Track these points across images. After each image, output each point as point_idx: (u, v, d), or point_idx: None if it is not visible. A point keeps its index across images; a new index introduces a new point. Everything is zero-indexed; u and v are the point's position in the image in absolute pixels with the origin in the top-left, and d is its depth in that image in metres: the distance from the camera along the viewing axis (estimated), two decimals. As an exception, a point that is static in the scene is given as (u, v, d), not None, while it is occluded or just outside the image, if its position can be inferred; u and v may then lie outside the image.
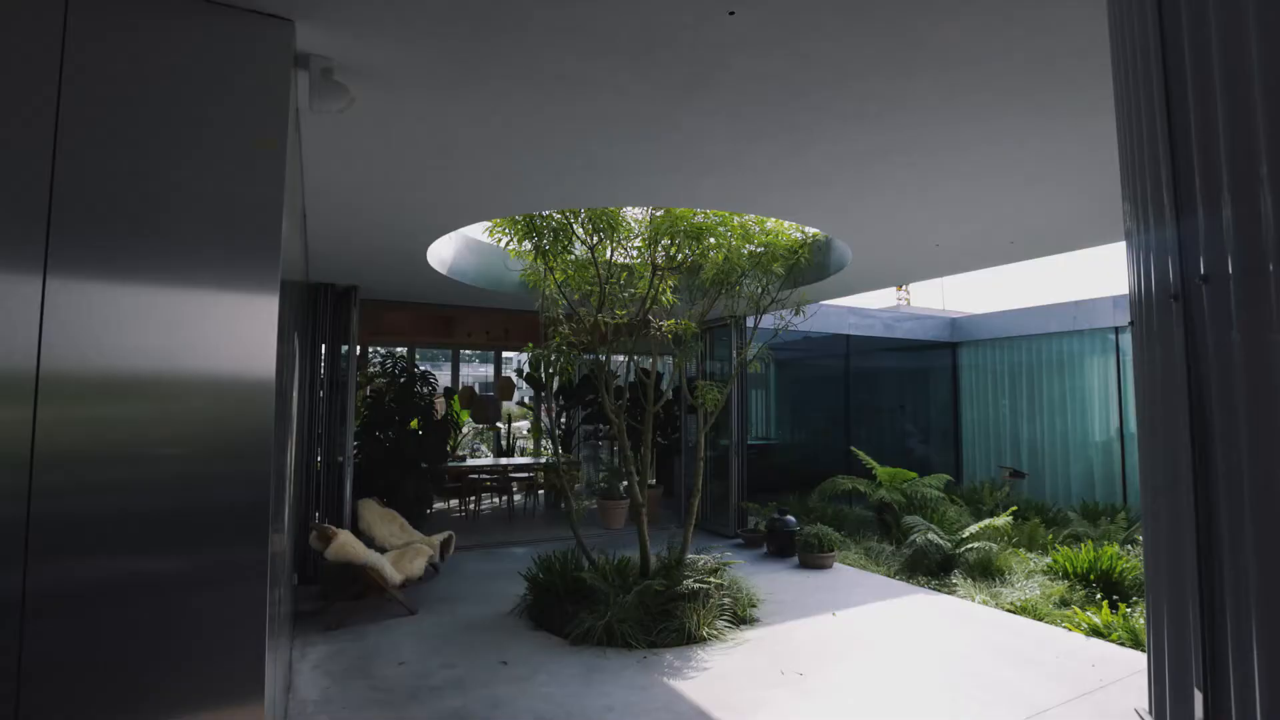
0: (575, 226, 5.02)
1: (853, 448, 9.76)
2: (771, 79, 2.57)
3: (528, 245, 4.97)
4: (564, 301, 5.41)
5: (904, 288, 23.22)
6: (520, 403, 14.67)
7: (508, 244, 4.95)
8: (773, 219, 6.00)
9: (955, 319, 12.17)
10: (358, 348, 7.14)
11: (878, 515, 8.90)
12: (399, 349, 12.36)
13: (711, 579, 5.26)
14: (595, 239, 4.95)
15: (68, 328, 1.74)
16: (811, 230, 6.21)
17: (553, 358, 5.27)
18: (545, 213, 4.87)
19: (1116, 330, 9.67)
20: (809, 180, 3.66)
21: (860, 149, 3.24)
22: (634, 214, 5.34)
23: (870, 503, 8.95)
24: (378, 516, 6.68)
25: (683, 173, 3.57)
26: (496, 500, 11.41)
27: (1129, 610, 5.18)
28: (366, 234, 4.78)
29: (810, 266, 6.27)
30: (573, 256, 5.19)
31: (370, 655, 4.61)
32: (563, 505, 5.63)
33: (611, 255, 5.31)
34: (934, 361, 12.32)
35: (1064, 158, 3.36)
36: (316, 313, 6.54)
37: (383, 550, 6.31)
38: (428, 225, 4.54)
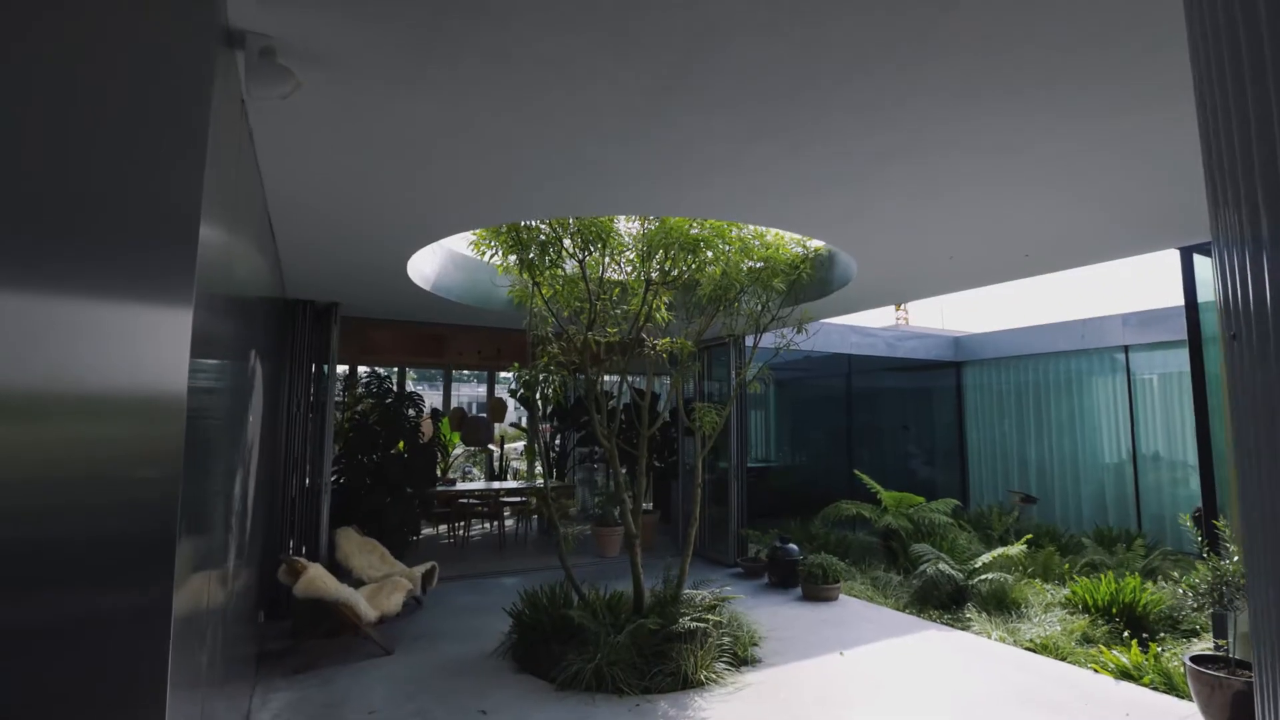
0: (564, 239, 4.73)
1: (856, 471, 9.41)
2: (772, 68, 2.29)
3: (514, 260, 4.66)
4: (553, 320, 5.10)
5: (902, 308, 22.95)
6: (514, 424, 14.31)
7: (491, 257, 4.64)
8: (773, 232, 5.73)
9: (959, 338, 11.88)
10: (339, 367, 6.81)
11: (883, 542, 8.53)
12: (388, 369, 12.03)
13: (710, 616, 4.90)
14: (585, 252, 4.65)
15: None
16: (814, 244, 5.94)
17: (540, 378, 4.95)
18: (532, 225, 4.59)
19: (1126, 349, 9.38)
20: (811, 185, 3.38)
21: (867, 149, 2.96)
22: (627, 228, 5.05)
23: (875, 529, 8.58)
24: (356, 546, 6.31)
25: (676, 177, 3.28)
26: (487, 526, 11.01)
27: (1160, 649, 4.81)
28: (340, 246, 4.48)
29: (812, 282, 5.99)
30: (561, 271, 4.89)
31: (338, 703, 4.23)
32: (553, 534, 5.26)
33: (604, 271, 5.01)
34: (938, 381, 12.01)
35: (1088, 162, 3.09)
36: (294, 331, 6.23)
37: (360, 583, 5.94)
38: (404, 236, 4.25)
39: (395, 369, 12.73)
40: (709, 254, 4.78)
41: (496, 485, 11.20)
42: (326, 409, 6.36)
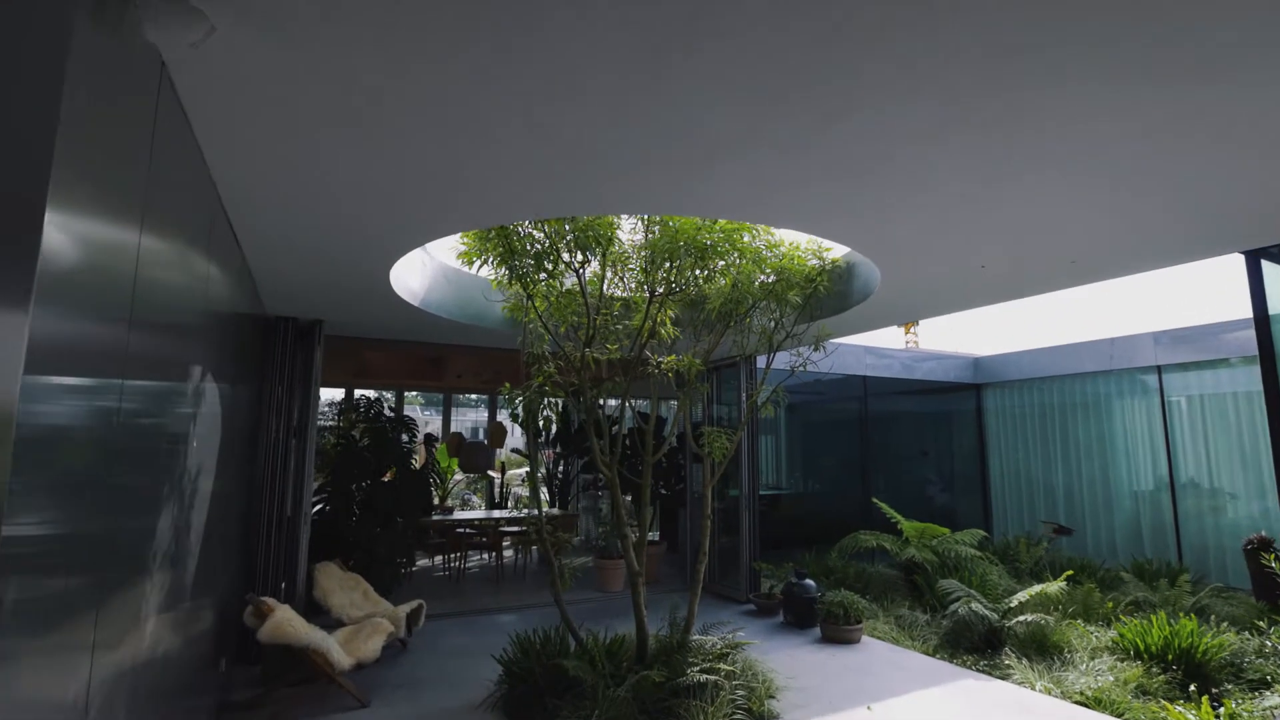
0: (561, 248, 4.32)
1: (874, 499, 8.88)
2: (796, 23, 1.89)
3: (505, 272, 4.25)
4: (549, 337, 4.68)
5: (912, 329, 22.44)
6: (516, 450, 13.84)
7: (479, 267, 4.23)
8: (786, 241, 5.32)
9: (979, 359, 11.39)
10: (337, 391, 6.40)
11: (905, 576, 7.97)
12: (384, 392, 11.63)
13: (722, 666, 4.38)
14: (581, 260, 4.23)
15: None
16: (830, 255, 5.51)
17: (534, 400, 4.52)
18: (525, 231, 4.19)
19: (1159, 370, 8.87)
20: (837, 172, 2.95)
21: (906, 128, 2.54)
22: (630, 238, 4.65)
23: (897, 561, 8.02)
24: (338, 582, 5.84)
25: (680, 162, 2.87)
26: (485, 557, 10.49)
27: (1234, 707, 4.25)
28: (313, 254, 4.09)
29: (829, 296, 5.55)
30: (558, 284, 4.48)
31: (301, 768, 3.73)
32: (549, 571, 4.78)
33: (604, 283, 4.60)
34: (957, 405, 11.50)
35: (1161, 151, 2.66)
36: (275, 350, 5.83)
37: (339, 623, 5.46)
38: (381, 241, 3.85)
39: (393, 392, 12.33)
40: (719, 263, 4.33)
41: (496, 514, 10.71)
42: (308, 433, 5.93)
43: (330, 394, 12.20)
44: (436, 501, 11.42)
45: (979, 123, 2.49)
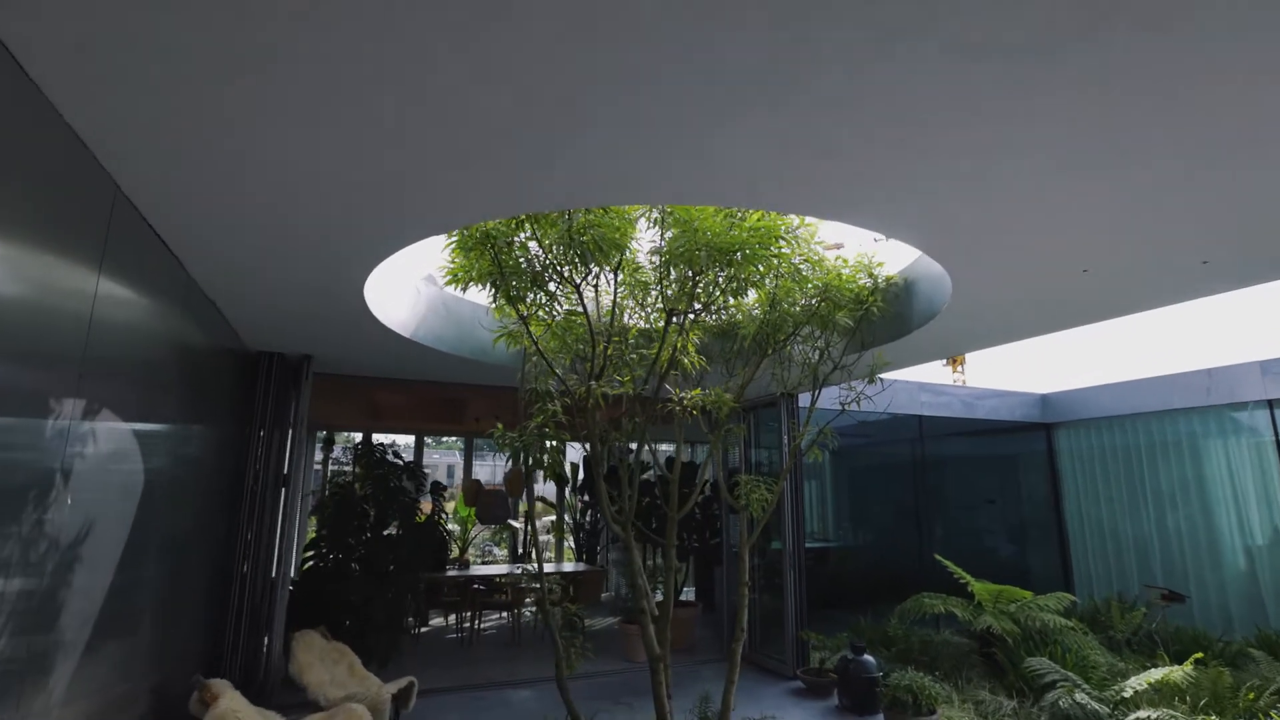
0: (559, 263, 3.62)
1: (938, 556, 7.79)
2: None
3: (491, 292, 3.55)
4: (555, 374, 3.96)
5: (959, 367, 21.08)
6: (541, 498, 13.07)
7: (466, 288, 3.54)
8: (832, 257, 4.55)
9: (1047, 396, 10.27)
10: (307, 431, 5.78)
11: (981, 648, 6.85)
12: (399, 437, 11.06)
13: (765, 781, 3.46)
14: (583, 274, 3.52)
15: None
16: (884, 274, 4.71)
17: (533, 444, 3.77)
18: (516, 240, 3.50)
19: (1271, 404, 7.67)
20: (894, 130, 2.19)
21: (990, 68, 1.78)
22: (647, 246, 3.92)
23: (969, 629, 6.91)
24: (319, 654, 5.08)
25: (684, 122, 2.15)
26: (504, 616, 9.63)
27: None
28: (266, 268, 3.48)
29: (885, 319, 4.73)
30: (557, 305, 3.77)
31: None
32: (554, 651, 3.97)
33: (616, 303, 3.87)
34: (1024, 446, 10.34)
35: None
36: (256, 389, 5.25)
37: (315, 706, 4.68)
38: (341, 250, 3.20)
39: (411, 437, 11.75)
40: (755, 269, 3.53)
41: (519, 569, 9.89)
42: (293, 482, 5.28)
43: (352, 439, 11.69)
44: (456, 554, 10.69)
45: (1120, 69, 1.71)
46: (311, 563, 6.24)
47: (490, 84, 1.89)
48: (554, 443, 3.98)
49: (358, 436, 11.62)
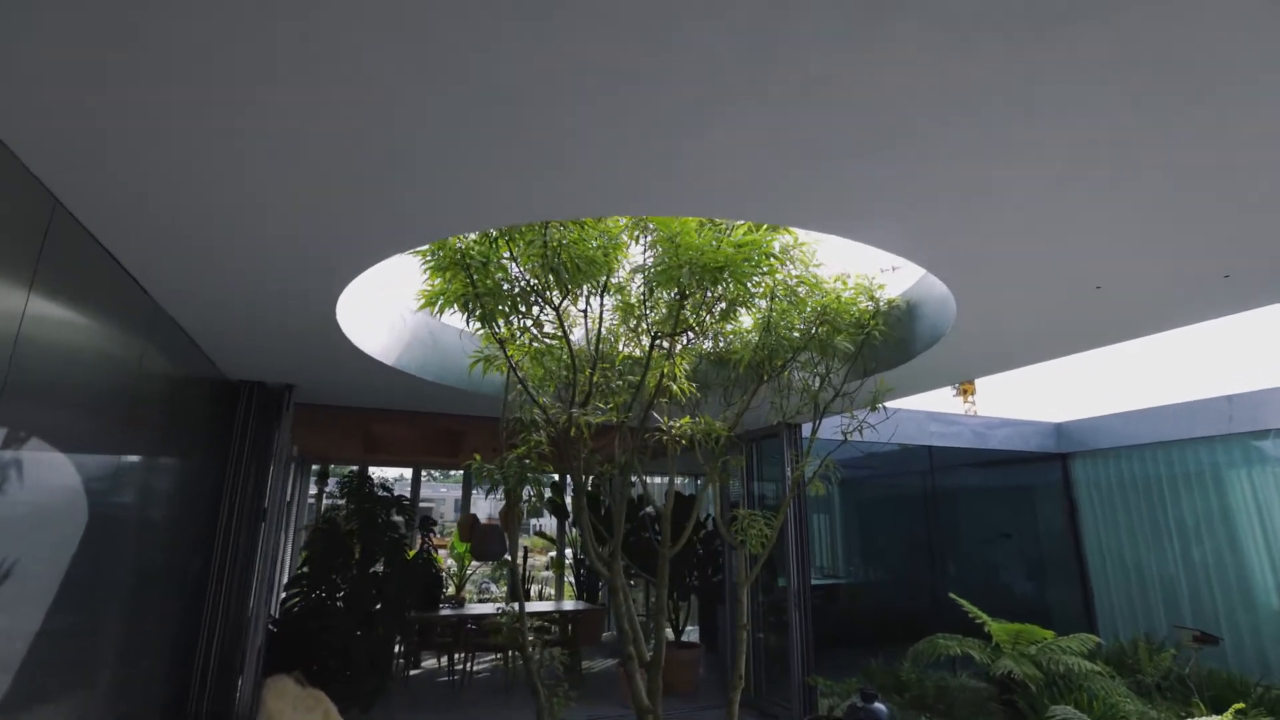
0: (544, 285, 3.43)
1: (952, 595, 7.42)
2: None
3: (459, 314, 3.36)
4: (530, 396, 3.75)
5: (970, 396, 20.66)
6: (539, 533, 12.74)
7: (434, 306, 3.35)
8: (829, 277, 4.35)
9: (1061, 424, 9.94)
10: (287, 465, 5.57)
11: (1000, 693, 6.44)
12: (397, 470, 10.83)
13: None
14: (561, 296, 3.32)
15: None
16: (886, 296, 4.50)
17: (513, 475, 3.55)
18: (491, 261, 3.32)
19: (1298, 432, 7.34)
20: (885, 132, 2.01)
21: (1024, 60, 1.59)
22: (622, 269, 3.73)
23: (986, 672, 6.51)
24: (290, 703, 4.80)
25: (651, 123, 1.97)
26: (498, 658, 9.25)
27: None
28: (230, 293, 3.31)
29: (887, 344, 4.50)
30: (538, 326, 3.57)
31: None
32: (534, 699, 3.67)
33: (600, 323, 3.68)
34: (1039, 477, 9.98)
35: None
36: (235, 419, 5.06)
37: (285, 762, 4.39)
38: (305, 269, 3.03)
39: (409, 471, 11.52)
40: (744, 288, 3.31)
41: (499, 609, 9.53)
42: (271, 516, 5.05)
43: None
44: (452, 592, 10.36)
45: (1147, 58, 1.52)
46: (293, 601, 5.97)
47: (441, 83, 1.72)
48: (538, 475, 3.76)
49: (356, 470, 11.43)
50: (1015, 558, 9.95)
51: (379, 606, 6.37)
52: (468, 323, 3.28)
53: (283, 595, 6.01)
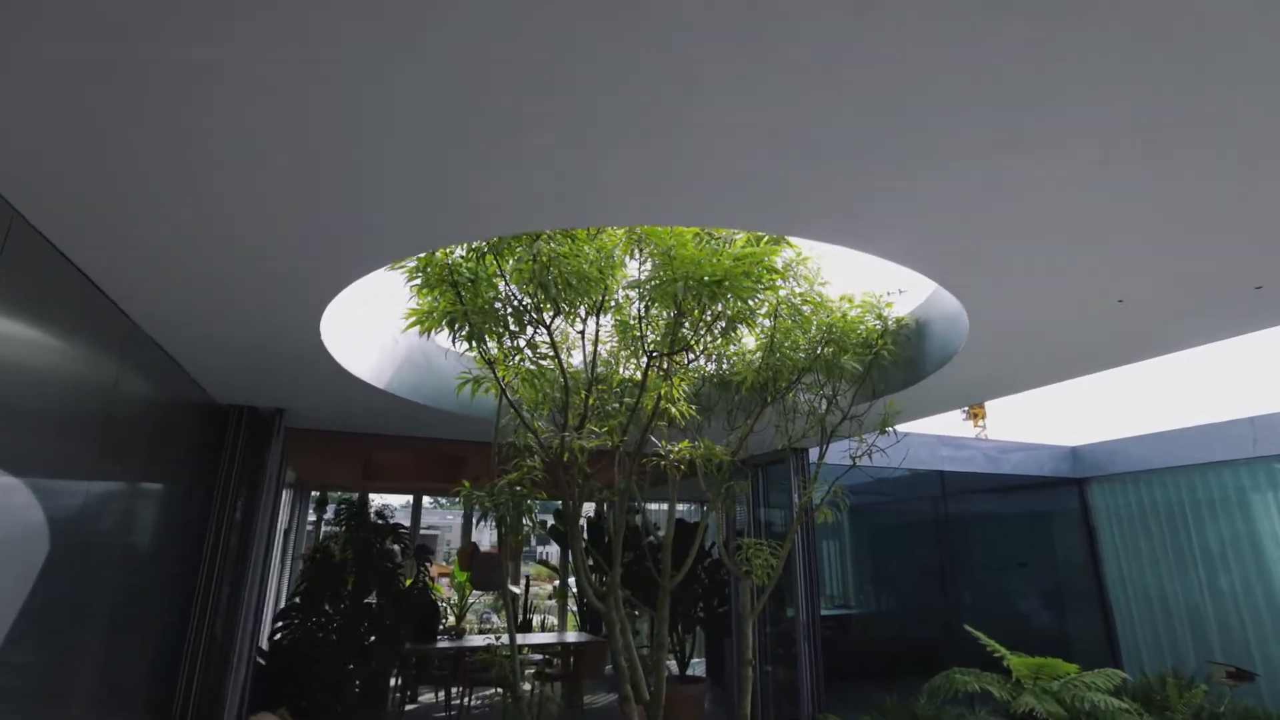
0: (540, 303, 3.29)
1: (968, 627, 7.13)
2: None
3: (446, 335, 3.21)
4: (528, 425, 3.59)
5: (980, 421, 20.24)
6: (542, 561, 12.48)
7: (422, 325, 3.21)
8: (834, 295, 4.21)
9: (1077, 448, 9.67)
10: (277, 491, 5.41)
11: (1021, 733, 6.12)
12: (406, 497, 10.64)
13: None
14: (553, 314, 3.18)
15: None
16: (894, 314, 4.35)
17: (505, 502, 3.37)
18: (481, 278, 3.19)
19: (1328, 455, 7.07)
20: (894, 135, 1.87)
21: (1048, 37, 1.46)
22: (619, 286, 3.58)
23: (1006, 709, 6.19)
24: (275, 744, 4.58)
25: (654, 121, 1.84)
26: (498, 691, 8.95)
27: None
28: (207, 310, 3.19)
29: (895, 365, 4.33)
30: (532, 347, 3.42)
31: None
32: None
33: (596, 343, 3.53)
34: (1056, 503, 9.68)
35: None
36: (224, 444, 4.91)
37: (265, 806, 4.16)
38: (285, 287, 2.90)
39: (409, 498, 11.33)
40: (744, 304, 3.14)
41: (486, 642, 9.26)
42: (253, 545, 4.87)
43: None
44: (452, 623, 10.10)
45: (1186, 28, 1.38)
46: (281, 634, 5.76)
47: (412, 81, 1.60)
48: (530, 501, 3.58)
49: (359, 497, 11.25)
50: (1032, 587, 9.61)
51: (373, 639, 6.16)
52: (454, 342, 3.13)
53: (272, 626, 5.80)
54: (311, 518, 10.84)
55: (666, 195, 2.16)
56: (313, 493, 10.74)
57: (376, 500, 7.76)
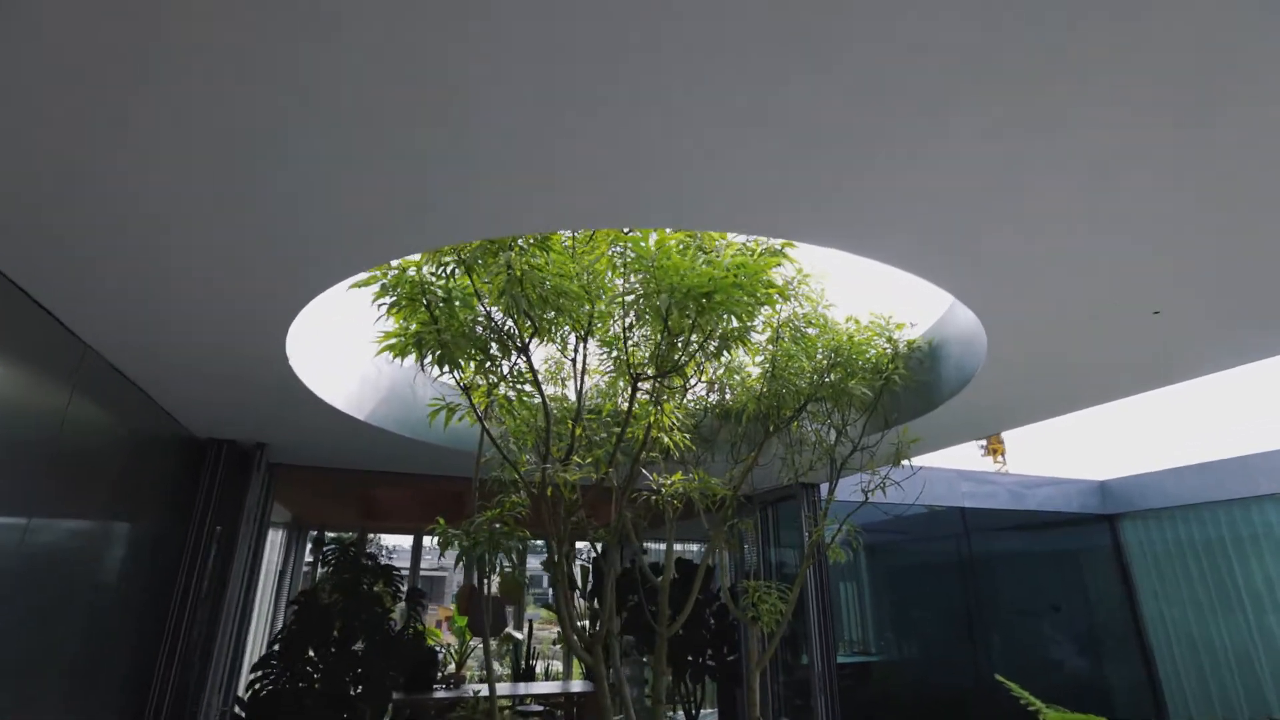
0: (519, 324, 3.06)
1: (999, 677, 6.62)
2: None
3: (416, 359, 2.97)
4: (506, 457, 3.32)
5: (999, 456, 19.56)
6: (546, 605, 12.01)
7: (395, 349, 2.98)
8: (843, 317, 3.95)
9: (1106, 483, 9.20)
10: (264, 529, 5.15)
11: (1061, 796, 5.59)
12: (398, 537, 10.33)
13: None
14: (530, 334, 2.94)
15: None
16: (905, 336, 4.08)
17: (482, 541, 3.09)
18: (464, 298, 2.96)
19: (1379, 488, 6.59)
20: (903, 125, 1.63)
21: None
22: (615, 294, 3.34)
23: (1044, 771, 5.67)
24: (243, 809, 4.22)
25: (601, 109, 1.62)
26: (499, 745, 8.47)
27: None
28: (166, 335, 2.98)
29: (909, 389, 4.04)
30: (504, 372, 3.17)
31: None
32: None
33: (582, 369, 3.28)
34: (1086, 541, 9.17)
35: None
36: (200, 481, 4.67)
37: None
38: (244, 308, 2.70)
39: (409, 537, 10.99)
40: (739, 319, 2.86)
41: (520, 688, 8.82)
42: (228, 587, 4.58)
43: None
44: (452, 669, 9.67)
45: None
46: (258, 685, 5.42)
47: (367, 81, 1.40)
48: (512, 541, 3.29)
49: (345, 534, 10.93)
50: (1065, 631, 9.04)
51: (359, 689, 5.79)
52: (422, 367, 2.90)
53: (250, 677, 5.47)
54: (309, 559, 10.53)
55: (654, 193, 1.93)
56: (311, 532, 10.46)
57: (381, 540, 7.46)
